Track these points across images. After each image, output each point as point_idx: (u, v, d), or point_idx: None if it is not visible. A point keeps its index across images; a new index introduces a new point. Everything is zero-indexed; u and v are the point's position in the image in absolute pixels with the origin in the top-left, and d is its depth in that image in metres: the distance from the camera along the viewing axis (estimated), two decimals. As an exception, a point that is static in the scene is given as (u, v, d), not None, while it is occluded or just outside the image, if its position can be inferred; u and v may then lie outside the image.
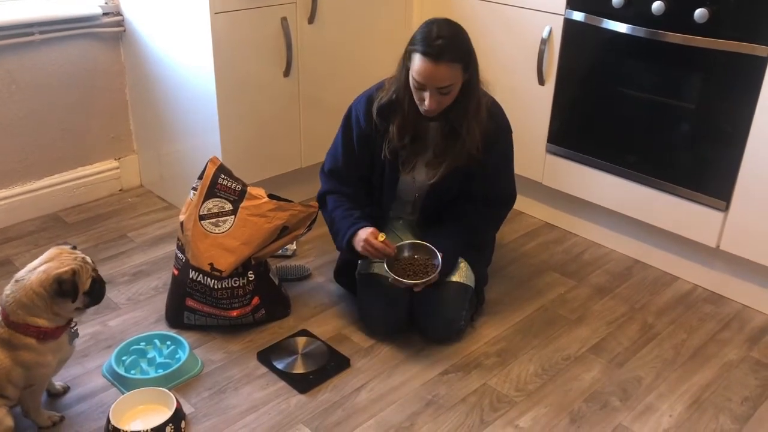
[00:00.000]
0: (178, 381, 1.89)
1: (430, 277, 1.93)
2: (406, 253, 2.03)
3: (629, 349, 2.09)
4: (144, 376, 1.88)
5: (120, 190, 2.98)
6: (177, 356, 1.95)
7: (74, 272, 1.63)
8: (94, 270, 1.71)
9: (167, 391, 1.79)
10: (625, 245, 2.59)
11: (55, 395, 1.84)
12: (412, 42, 1.86)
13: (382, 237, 1.96)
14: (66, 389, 1.86)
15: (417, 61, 1.83)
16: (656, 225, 2.41)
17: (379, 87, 2.03)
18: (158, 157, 2.87)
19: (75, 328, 1.74)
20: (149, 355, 1.97)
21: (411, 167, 2.05)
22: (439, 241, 2.04)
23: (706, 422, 1.82)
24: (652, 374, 1.99)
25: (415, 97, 1.90)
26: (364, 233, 1.97)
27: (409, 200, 2.17)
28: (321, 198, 2.16)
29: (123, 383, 1.87)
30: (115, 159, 2.94)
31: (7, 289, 1.62)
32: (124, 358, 1.95)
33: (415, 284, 1.93)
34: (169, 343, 2.01)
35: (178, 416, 1.73)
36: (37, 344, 1.61)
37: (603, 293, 2.36)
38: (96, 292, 1.71)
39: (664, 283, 2.43)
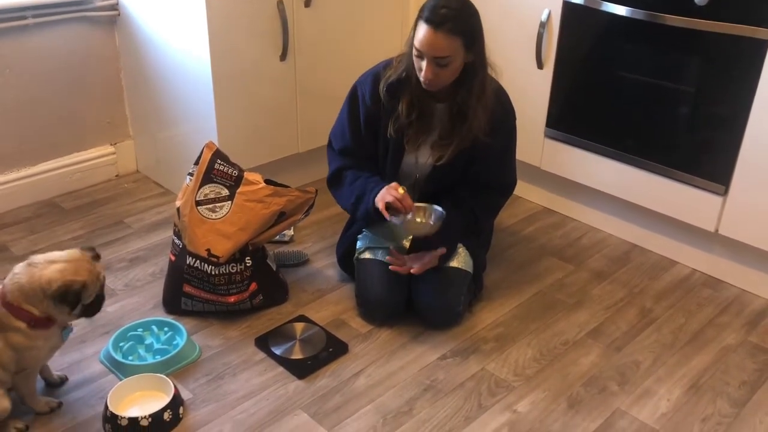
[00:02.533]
0: (176, 367, 1.89)
1: (437, 224, 1.95)
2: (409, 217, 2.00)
3: (627, 333, 2.09)
4: (142, 362, 1.88)
5: (116, 175, 2.96)
6: (175, 342, 1.94)
7: (84, 285, 1.61)
8: (102, 286, 1.69)
9: (165, 377, 1.79)
10: (624, 230, 2.59)
11: (52, 385, 1.83)
12: (420, 11, 1.84)
13: (402, 190, 1.94)
14: (64, 380, 1.85)
15: (419, 29, 1.82)
16: (655, 209, 2.40)
17: (387, 65, 2.01)
18: (154, 142, 2.86)
19: (70, 323, 1.73)
20: (147, 342, 1.97)
21: (416, 146, 2.04)
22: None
23: (704, 406, 1.83)
24: (651, 358, 1.99)
25: (415, 66, 1.89)
26: (385, 189, 1.95)
27: (409, 182, 2.16)
28: (336, 174, 2.10)
29: (121, 369, 1.86)
30: (111, 144, 2.92)
31: (17, 269, 1.62)
32: (121, 344, 1.95)
33: (432, 227, 1.94)
34: (166, 329, 2.00)
35: (176, 402, 1.73)
36: (27, 329, 1.60)
37: (601, 278, 2.36)
38: (94, 308, 1.69)
39: (662, 268, 2.43)
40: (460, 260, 2.08)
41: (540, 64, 2.53)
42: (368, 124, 2.04)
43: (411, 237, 2.09)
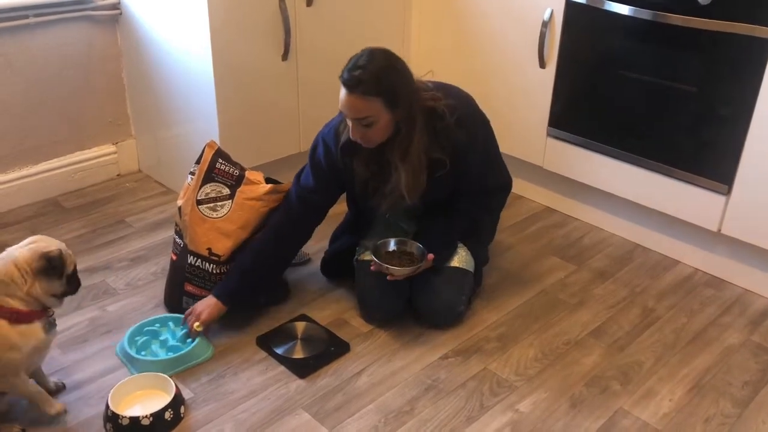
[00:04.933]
0: (188, 365, 1.89)
1: (410, 269, 1.94)
2: (393, 247, 2.04)
3: (630, 333, 2.09)
4: (153, 358, 1.87)
5: (118, 174, 2.96)
6: (189, 340, 1.94)
7: (61, 252, 1.63)
8: (72, 263, 1.69)
9: (166, 376, 1.78)
10: (626, 229, 2.58)
11: (49, 393, 1.75)
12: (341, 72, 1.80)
13: (199, 328, 1.91)
14: (61, 387, 1.80)
15: (340, 90, 1.79)
16: (657, 209, 2.40)
17: (341, 120, 1.96)
18: (156, 141, 2.85)
19: (52, 316, 1.67)
20: (162, 337, 1.96)
21: (383, 194, 1.97)
22: (435, 229, 2.04)
23: (707, 406, 1.82)
24: (653, 358, 1.98)
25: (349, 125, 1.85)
26: (201, 306, 1.94)
27: (382, 223, 2.16)
28: (286, 196, 2.06)
29: (133, 363, 1.87)
30: (113, 143, 2.91)
31: None
32: (137, 338, 1.94)
33: (395, 272, 1.93)
34: (183, 326, 1.99)
35: (177, 401, 1.73)
36: (7, 326, 1.55)
37: (603, 277, 2.35)
38: (75, 280, 1.69)
39: (664, 267, 2.42)
40: (461, 259, 2.08)
41: (542, 64, 2.52)
42: (333, 174, 2.00)
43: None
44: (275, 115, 2.62)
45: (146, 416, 1.66)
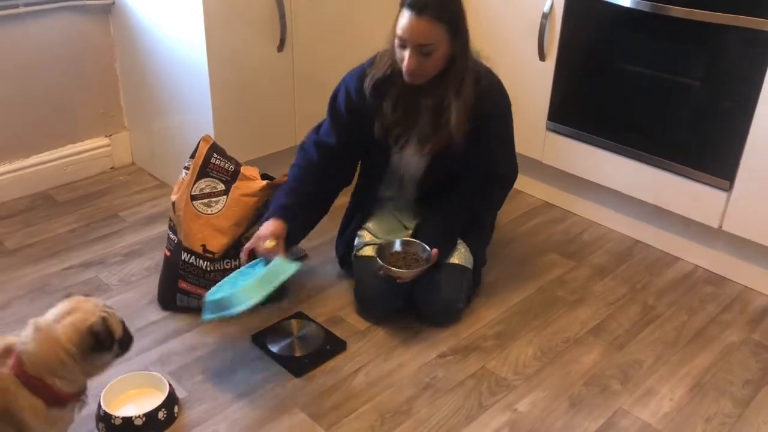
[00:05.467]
0: (279, 279, 1.78)
1: (418, 270, 1.92)
2: (397, 248, 2.00)
3: (630, 331, 2.06)
4: (244, 284, 1.76)
5: (111, 167, 2.92)
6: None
7: (104, 320, 1.44)
8: (112, 315, 1.51)
9: (159, 375, 1.75)
10: (626, 225, 2.55)
11: None
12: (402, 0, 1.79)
13: (271, 243, 1.84)
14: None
15: (402, 16, 1.77)
16: (658, 205, 2.37)
17: (372, 62, 1.96)
18: (150, 133, 2.81)
19: (85, 396, 1.51)
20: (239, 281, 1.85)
21: (402, 145, 1.99)
22: (435, 224, 2.01)
23: (707, 406, 1.80)
24: (653, 357, 1.96)
25: (398, 57, 1.83)
26: (265, 229, 1.88)
27: (398, 179, 2.12)
28: (301, 145, 2.06)
29: (225, 304, 1.75)
30: (106, 136, 2.87)
31: (27, 337, 1.38)
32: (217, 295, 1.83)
33: (403, 274, 1.91)
34: (251, 265, 1.89)
35: (171, 400, 1.70)
36: (43, 408, 1.38)
37: (603, 274, 2.33)
38: (127, 339, 1.53)
39: (665, 264, 2.40)
40: (460, 256, 2.05)
41: (542, 56, 2.48)
42: (354, 120, 1.97)
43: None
44: (271, 108, 2.58)
45: (139, 416, 1.63)
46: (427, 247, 1.96)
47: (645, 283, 2.29)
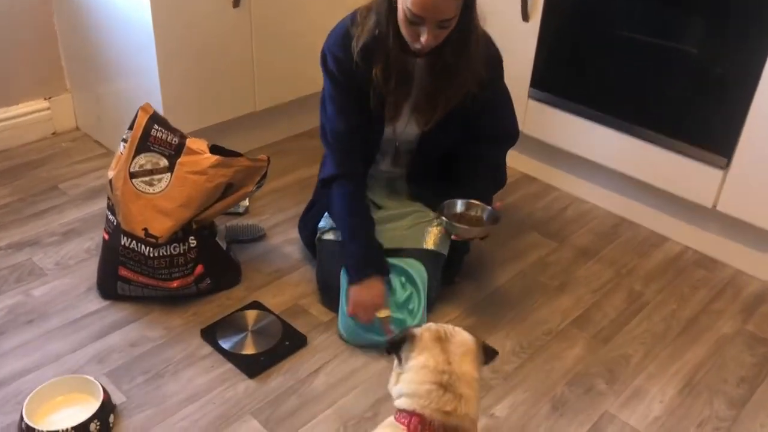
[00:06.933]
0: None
1: (477, 230, 1.80)
2: (459, 209, 1.84)
3: (615, 321, 1.90)
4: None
5: (53, 133, 2.66)
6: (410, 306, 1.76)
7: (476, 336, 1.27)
8: None
9: (93, 379, 1.55)
10: (612, 202, 2.38)
11: None
12: None
13: (383, 314, 1.71)
14: None
15: None
16: (647, 181, 2.19)
17: (353, 22, 1.72)
18: (95, 96, 2.55)
19: None
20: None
21: (396, 114, 1.78)
22: (475, 190, 1.86)
23: (700, 408, 1.65)
24: (641, 351, 1.80)
25: (405, 33, 1.62)
26: (368, 294, 1.72)
27: (387, 152, 1.91)
28: (327, 182, 1.82)
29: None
30: (45, 98, 2.60)
31: (427, 393, 1.17)
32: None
33: (461, 231, 1.78)
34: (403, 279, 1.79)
35: (105, 409, 1.50)
36: None
37: (587, 256, 2.16)
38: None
39: (652, 244, 2.23)
40: (433, 241, 1.86)
41: (525, 16, 2.26)
42: (353, 85, 1.74)
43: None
44: (226, 70, 2.33)
45: (68, 429, 1.44)
46: (492, 211, 1.82)
47: (632, 266, 2.13)
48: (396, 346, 1.27)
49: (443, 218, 1.79)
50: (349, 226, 1.78)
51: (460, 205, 1.84)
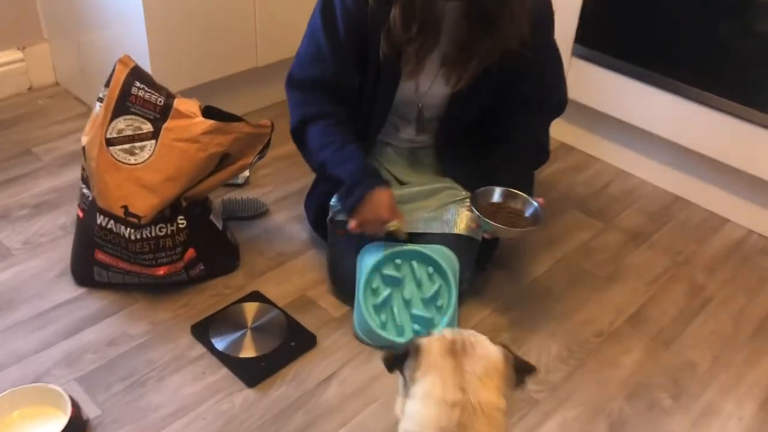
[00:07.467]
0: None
1: (517, 231, 1.49)
2: (496, 198, 1.53)
3: (677, 320, 1.63)
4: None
5: (29, 88, 2.37)
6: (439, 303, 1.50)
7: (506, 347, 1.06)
8: None
9: (59, 389, 1.29)
10: (663, 177, 2.09)
11: None
12: None
13: (394, 226, 1.47)
14: None
15: None
16: (704, 153, 1.91)
17: None
18: (76, 47, 2.25)
19: None
20: (405, 290, 1.51)
21: (418, 67, 1.48)
22: (510, 170, 1.57)
23: (785, 429, 1.39)
24: (709, 357, 1.54)
25: None
26: (373, 209, 1.44)
27: (409, 118, 1.62)
28: (298, 130, 1.53)
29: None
30: (19, 49, 2.30)
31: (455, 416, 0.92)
32: (374, 286, 1.50)
33: (521, 232, 1.50)
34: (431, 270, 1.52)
35: (74, 426, 1.24)
36: None
37: (637, 240, 1.88)
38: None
39: (711, 227, 1.95)
40: (468, 223, 1.57)
41: (572, -41, 1.95)
42: (352, 37, 1.45)
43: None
44: (224, 19, 2.03)
45: (26, 455, 1.18)
46: (534, 202, 1.51)
47: (689, 253, 1.85)
48: (397, 361, 0.99)
49: (474, 211, 1.48)
50: (335, 152, 1.48)
51: (498, 194, 1.53)
